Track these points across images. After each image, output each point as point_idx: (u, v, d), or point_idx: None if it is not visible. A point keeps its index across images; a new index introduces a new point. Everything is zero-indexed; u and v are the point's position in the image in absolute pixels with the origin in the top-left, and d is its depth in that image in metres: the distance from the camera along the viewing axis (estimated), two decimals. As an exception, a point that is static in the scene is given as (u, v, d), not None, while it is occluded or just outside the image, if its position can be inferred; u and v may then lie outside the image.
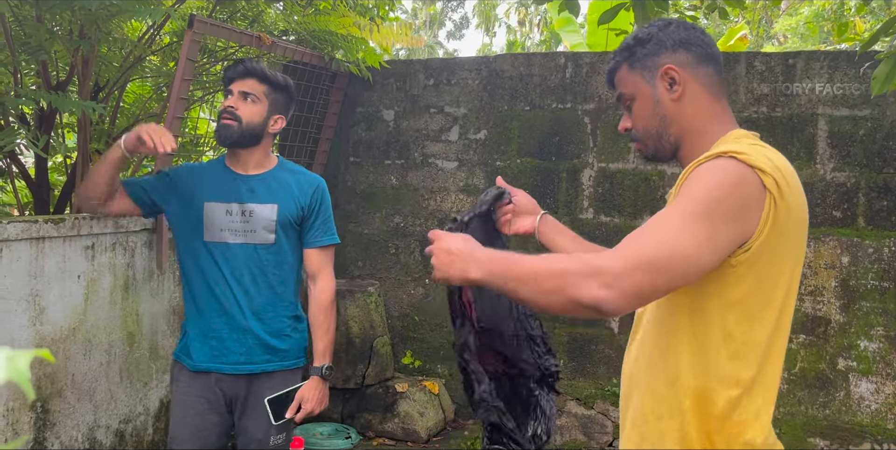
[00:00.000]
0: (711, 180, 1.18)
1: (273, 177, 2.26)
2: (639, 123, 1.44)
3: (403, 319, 3.78)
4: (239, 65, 2.25)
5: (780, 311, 1.27)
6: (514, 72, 3.58)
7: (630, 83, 1.44)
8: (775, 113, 3.24)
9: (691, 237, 1.14)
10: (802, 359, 3.21)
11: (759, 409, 1.27)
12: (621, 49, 1.45)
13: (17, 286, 2.26)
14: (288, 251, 2.24)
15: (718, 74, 1.42)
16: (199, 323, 2.24)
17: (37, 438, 2.37)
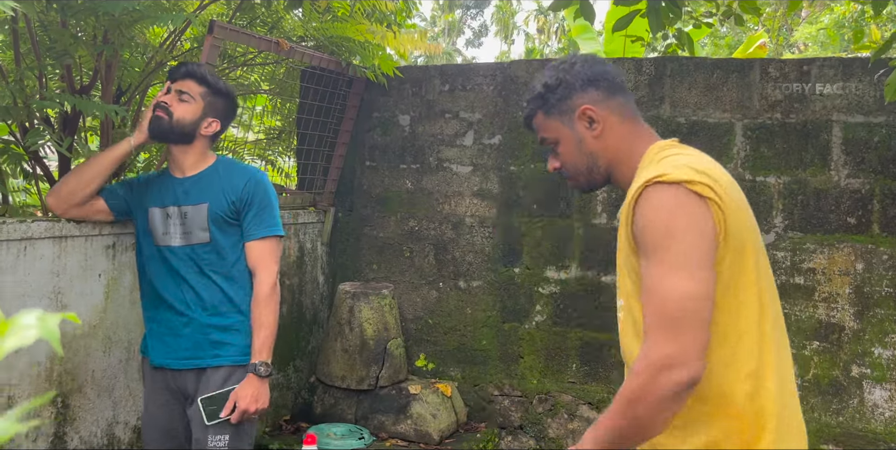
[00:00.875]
0: (658, 221, 1.27)
1: (206, 176, 2.33)
2: (567, 163, 1.52)
3: (417, 322, 3.81)
4: (181, 66, 2.35)
5: (758, 296, 1.32)
6: (529, 77, 3.61)
7: (550, 128, 1.51)
8: (789, 119, 3.25)
9: (687, 280, 1.22)
10: (816, 366, 3.20)
11: (773, 392, 1.31)
12: (534, 98, 1.51)
13: (40, 283, 2.32)
14: (226, 248, 2.28)
15: (629, 100, 1.51)
16: (152, 321, 2.34)
17: (57, 432, 2.43)
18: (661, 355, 1.20)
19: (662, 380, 1.19)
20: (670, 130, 3.40)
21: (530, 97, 1.52)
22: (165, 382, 2.31)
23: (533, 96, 1.51)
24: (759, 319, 1.32)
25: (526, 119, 1.56)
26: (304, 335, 3.73)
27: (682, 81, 3.38)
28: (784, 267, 3.24)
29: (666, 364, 1.19)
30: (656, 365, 1.20)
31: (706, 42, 13.85)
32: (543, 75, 1.51)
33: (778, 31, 14.27)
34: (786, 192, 3.26)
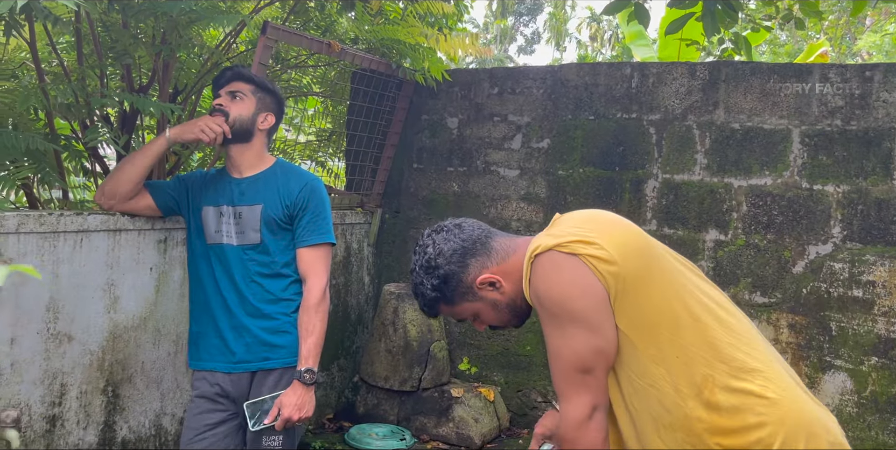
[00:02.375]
0: (544, 292, 1.35)
1: (263, 178, 2.34)
2: (494, 322, 1.56)
3: (461, 325, 3.80)
4: (226, 71, 2.38)
5: (684, 309, 1.35)
6: (580, 81, 3.58)
7: (462, 311, 1.55)
8: (850, 126, 3.15)
9: (581, 336, 1.32)
10: (874, 382, 3.08)
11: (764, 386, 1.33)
12: (429, 301, 1.53)
13: (94, 275, 2.38)
14: (276, 251, 2.28)
15: (494, 235, 1.53)
16: (200, 323, 2.34)
17: (107, 421, 2.48)
18: (581, 410, 1.33)
19: (593, 426, 1.34)
20: (724, 136, 3.33)
21: (424, 301, 1.54)
22: (211, 386, 2.30)
23: (427, 300, 1.53)
24: (698, 328, 1.36)
25: (432, 315, 1.59)
26: (349, 335, 3.75)
27: (738, 86, 3.31)
28: (842, 279, 3.14)
29: (588, 413, 1.33)
30: (581, 420, 1.34)
31: (765, 50, 13.56)
32: (419, 277, 1.52)
33: (840, 39, 13.88)
34: (845, 201, 3.16)
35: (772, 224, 3.25)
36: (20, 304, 2.18)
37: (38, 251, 2.21)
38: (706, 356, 1.33)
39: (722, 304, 1.42)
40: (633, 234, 1.41)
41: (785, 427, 1.30)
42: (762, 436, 1.29)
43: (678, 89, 3.40)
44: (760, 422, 1.30)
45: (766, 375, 1.34)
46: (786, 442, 1.29)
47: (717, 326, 1.36)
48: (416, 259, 1.54)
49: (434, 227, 1.56)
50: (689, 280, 1.41)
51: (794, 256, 3.22)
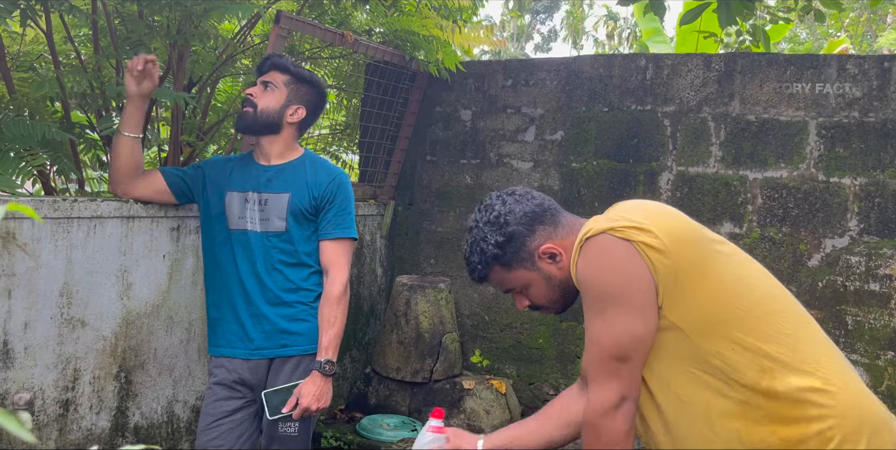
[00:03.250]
0: (591, 275, 1.32)
1: (292, 167, 2.34)
2: (541, 300, 1.53)
3: (473, 318, 3.80)
4: (266, 60, 2.38)
5: (740, 299, 1.32)
6: (594, 73, 3.56)
7: (514, 279, 1.50)
8: (868, 118, 3.11)
9: (622, 323, 1.29)
10: (890, 377, 3.04)
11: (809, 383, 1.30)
12: (486, 258, 1.47)
13: (107, 261, 2.40)
14: (299, 240, 2.29)
15: (561, 211, 1.51)
16: (219, 309, 2.35)
17: (119, 407, 2.50)
18: (610, 397, 1.31)
19: (620, 416, 1.31)
20: (739, 128, 3.30)
21: (480, 259, 1.49)
22: (229, 372, 2.32)
23: (485, 257, 1.48)
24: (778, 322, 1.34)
25: (479, 279, 1.54)
26: (362, 327, 3.76)
27: (754, 78, 3.28)
28: (858, 272, 3.10)
29: (616, 405, 1.31)
30: (608, 408, 1.31)
31: (784, 48, 13.43)
32: (482, 232, 1.48)
33: (861, 37, 13.72)
34: (862, 194, 3.12)
35: (787, 217, 3.22)
36: (34, 288, 2.20)
37: (51, 236, 2.23)
38: (765, 348, 1.30)
39: (779, 294, 1.39)
40: (688, 225, 1.38)
41: (847, 422, 1.27)
42: (822, 428, 1.27)
43: (693, 81, 3.38)
44: (821, 415, 1.27)
45: (829, 368, 1.31)
46: (847, 438, 1.27)
47: (776, 317, 1.33)
48: (481, 216, 1.50)
49: (504, 190, 1.53)
50: (745, 269, 1.38)
51: (809, 249, 3.19)
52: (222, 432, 2.29)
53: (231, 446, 2.29)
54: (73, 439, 2.36)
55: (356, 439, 3.24)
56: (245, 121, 2.30)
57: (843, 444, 1.27)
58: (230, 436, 2.29)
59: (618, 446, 1.34)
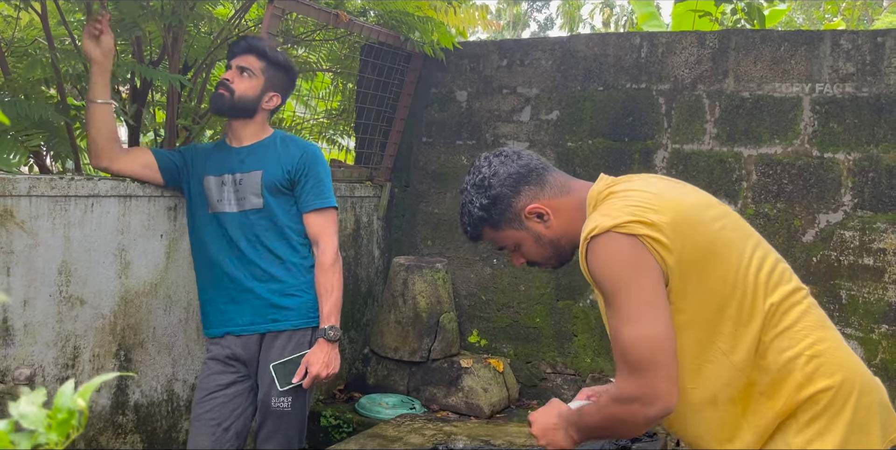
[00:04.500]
0: (602, 275, 1.32)
1: (263, 146, 2.38)
2: (534, 257, 1.54)
3: (471, 298, 3.82)
4: (241, 41, 2.37)
5: (752, 296, 1.33)
6: (589, 52, 3.56)
7: (504, 238, 1.52)
8: (861, 93, 3.12)
9: (639, 327, 1.27)
10: (884, 350, 3.07)
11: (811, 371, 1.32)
12: (474, 220, 1.51)
13: (105, 240, 2.41)
14: (279, 214, 2.32)
15: (552, 170, 1.51)
16: (208, 291, 2.39)
17: (119, 385, 2.53)
18: (631, 395, 1.29)
19: (636, 415, 1.29)
20: (734, 105, 3.30)
21: (469, 220, 1.52)
22: (222, 350, 2.35)
23: (473, 219, 1.51)
24: (767, 316, 1.34)
25: (473, 239, 1.57)
26: (359, 308, 3.78)
27: (748, 55, 3.28)
28: (852, 247, 3.12)
29: (636, 402, 1.28)
30: (629, 401, 1.29)
31: (780, 31, 13.36)
32: (470, 195, 1.50)
33: (857, 21, 13.69)
34: (856, 169, 3.13)
35: (782, 193, 3.24)
36: (33, 266, 2.22)
37: (49, 214, 2.24)
38: (761, 322, 1.32)
39: (779, 265, 1.40)
40: (690, 209, 1.36)
41: (835, 384, 1.30)
42: (812, 393, 1.30)
43: (687, 59, 3.38)
44: (810, 380, 1.30)
45: (817, 334, 1.33)
46: (835, 399, 1.29)
47: (772, 291, 1.34)
48: (469, 178, 1.52)
49: (494, 151, 1.54)
50: (746, 242, 1.39)
51: (804, 224, 3.20)
52: (215, 405, 2.32)
53: (224, 420, 2.31)
54: (74, 416, 2.38)
55: (355, 418, 3.27)
56: (219, 104, 2.33)
57: (830, 405, 1.29)
58: (223, 409, 2.32)
59: (630, 426, 1.34)
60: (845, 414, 1.29)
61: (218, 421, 2.32)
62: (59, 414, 0.59)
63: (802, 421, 1.30)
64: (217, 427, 2.31)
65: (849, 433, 1.29)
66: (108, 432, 2.48)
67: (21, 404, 0.60)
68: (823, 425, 1.29)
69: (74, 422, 0.59)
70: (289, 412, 2.32)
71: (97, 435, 2.45)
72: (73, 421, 0.59)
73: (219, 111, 2.37)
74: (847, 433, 1.29)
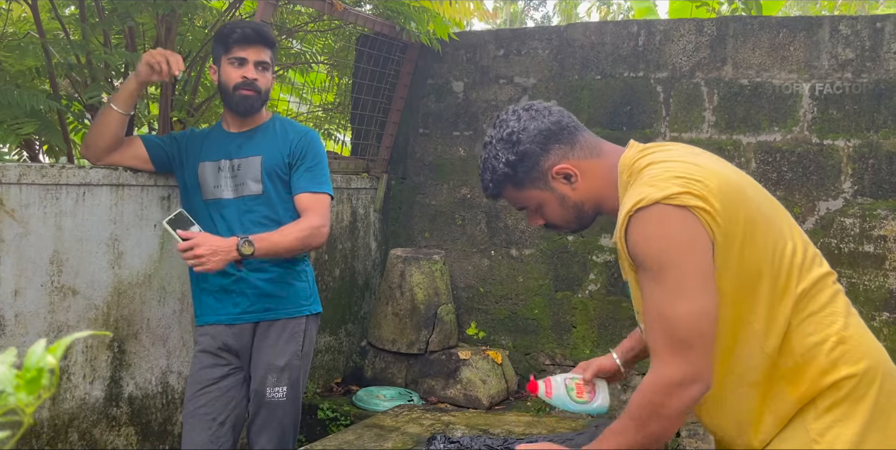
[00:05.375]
0: (650, 248, 1.25)
1: (261, 130, 2.32)
2: (554, 219, 1.45)
3: (469, 290, 3.79)
4: (250, 31, 2.22)
5: (786, 277, 1.28)
6: (586, 41, 3.54)
7: (527, 198, 1.43)
8: (861, 79, 3.09)
9: (689, 301, 1.22)
10: (886, 337, 3.04)
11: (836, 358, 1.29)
12: (497, 177, 1.40)
13: (98, 229, 2.38)
14: (278, 202, 2.27)
15: (583, 130, 1.41)
16: (200, 279, 2.33)
17: (113, 376, 2.49)
18: (674, 375, 1.23)
19: (678, 397, 1.23)
20: (732, 93, 3.28)
21: (492, 177, 1.42)
22: (214, 339, 2.31)
23: (496, 175, 1.41)
24: (798, 300, 1.30)
25: (493, 196, 1.46)
26: (356, 300, 3.75)
27: (746, 42, 3.25)
28: (852, 234, 3.09)
29: (680, 382, 1.23)
30: (671, 384, 1.23)
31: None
32: (495, 149, 1.40)
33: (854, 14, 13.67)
34: (856, 155, 3.11)
35: (781, 180, 3.21)
36: (24, 255, 2.19)
37: (40, 203, 2.21)
38: (791, 305, 1.28)
39: (809, 247, 1.36)
40: (736, 178, 1.31)
41: (859, 370, 1.26)
42: (836, 379, 1.26)
43: (685, 46, 3.35)
44: (834, 366, 1.27)
45: (844, 321, 1.30)
46: (858, 385, 1.26)
47: (804, 275, 1.30)
48: (495, 132, 1.41)
49: (521, 104, 1.43)
50: (783, 219, 1.35)
51: (804, 212, 3.18)
52: (210, 399, 2.28)
53: (219, 414, 2.27)
54: (66, 408, 2.35)
55: (353, 411, 3.24)
56: (249, 107, 2.26)
57: (853, 392, 1.26)
58: (217, 403, 2.28)
59: (662, 420, 1.26)
60: (867, 400, 1.26)
61: (213, 415, 2.28)
62: (28, 373, 0.56)
63: (822, 407, 1.27)
64: (212, 422, 2.27)
65: (871, 419, 1.26)
66: (101, 425, 2.45)
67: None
68: (844, 411, 1.26)
69: (45, 381, 0.56)
70: (283, 403, 2.28)
71: (91, 428, 2.42)
72: (43, 380, 0.56)
73: (248, 113, 2.29)
74: (869, 419, 1.25)
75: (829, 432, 1.26)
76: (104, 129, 2.27)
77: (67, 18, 3.14)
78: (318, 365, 3.49)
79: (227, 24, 2.32)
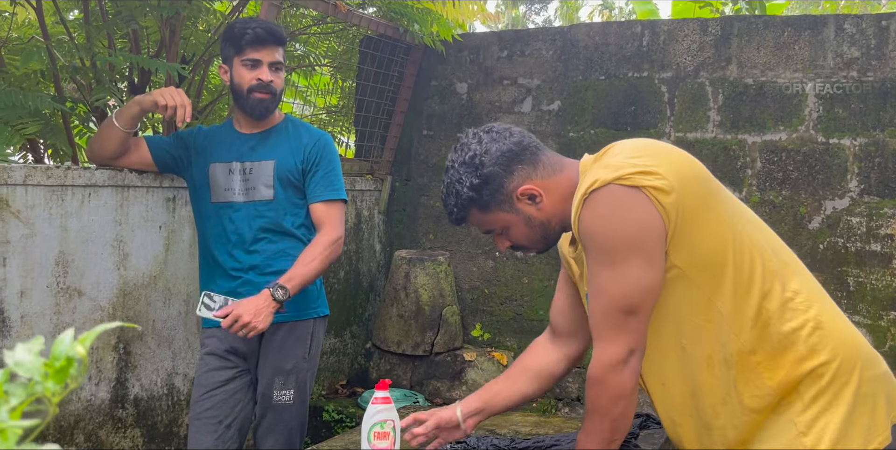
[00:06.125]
0: (599, 227, 1.27)
1: (274, 133, 2.28)
2: (521, 241, 1.45)
3: (473, 291, 3.78)
4: (261, 31, 2.18)
5: (743, 239, 1.29)
6: (590, 41, 3.53)
7: (493, 221, 1.42)
8: (866, 78, 3.08)
9: (632, 277, 1.25)
10: (893, 337, 3.03)
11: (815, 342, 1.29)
12: (461, 201, 1.39)
13: (103, 230, 2.38)
14: (288, 208, 2.24)
15: (543, 149, 1.42)
16: (209, 281, 2.31)
17: (119, 378, 2.49)
18: (619, 352, 1.27)
19: (628, 372, 1.28)
20: (737, 92, 3.27)
21: (456, 201, 1.40)
22: (221, 342, 2.29)
23: (461, 200, 1.39)
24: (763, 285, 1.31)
25: (458, 221, 1.45)
26: (361, 302, 3.75)
27: (751, 41, 3.25)
28: (859, 233, 3.08)
29: (624, 359, 1.27)
30: (617, 362, 1.27)
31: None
32: (458, 173, 1.38)
33: (857, 16, 13.65)
34: (862, 154, 3.10)
35: (787, 180, 3.20)
36: (29, 256, 2.19)
37: (45, 204, 2.21)
38: (762, 289, 1.28)
39: (772, 236, 1.37)
40: (692, 162, 1.32)
41: (838, 357, 1.27)
42: (814, 365, 1.26)
43: (690, 46, 3.35)
44: (813, 352, 1.27)
45: (819, 306, 1.30)
46: (839, 373, 1.26)
47: (772, 258, 1.31)
48: (457, 156, 1.40)
49: (481, 127, 1.42)
50: (744, 210, 1.36)
51: (810, 211, 3.17)
52: (216, 402, 2.26)
53: (225, 417, 2.26)
54: (72, 410, 2.34)
55: (357, 412, 3.23)
56: (265, 110, 2.23)
57: (834, 379, 1.26)
58: (224, 406, 2.26)
59: (623, 400, 1.30)
60: (850, 387, 1.26)
61: (219, 418, 2.26)
62: (57, 362, 0.55)
63: (807, 398, 1.27)
64: (219, 425, 2.26)
65: (854, 406, 1.26)
66: (107, 426, 2.45)
67: (17, 352, 0.56)
68: (828, 399, 1.26)
69: (73, 371, 0.56)
70: (290, 405, 2.27)
71: (96, 429, 2.41)
72: (71, 369, 0.56)
73: (263, 117, 2.26)
74: (852, 406, 1.26)
75: (816, 424, 1.26)
76: (107, 143, 2.26)
77: (72, 22, 3.14)
78: (323, 367, 3.48)
79: (238, 23, 2.25)
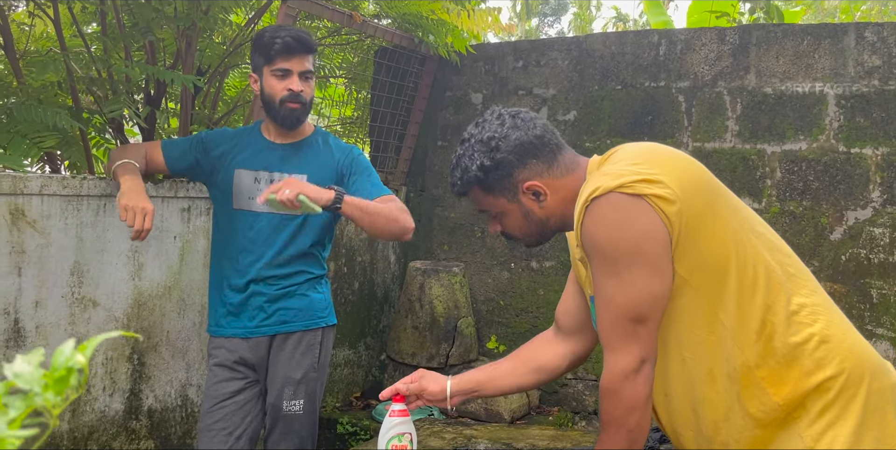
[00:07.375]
0: (603, 236, 1.23)
1: (307, 145, 2.23)
2: (514, 231, 1.42)
3: (489, 303, 3.75)
4: (291, 41, 2.13)
5: (748, 249, 1.26)
6: (606, 51, 3.51)
7: (491, 203, 1.40)
8: (888, 86, 3.04)
9: (638, 286, 1.22)
10: (919, 351, 2.96)
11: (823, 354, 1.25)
12: (467, 177, 1.36)
13: (118, 240, 2.38)
14: (311, 223, 2.21)
15: (565, 149, 1.38)
16: (219, 289, 2.27)
17: (133, 389, 2.47)
18: (630, 362, 1.24)
19: (641, 380, 1.24)
20: (756, 101, 3.24)
21: (461, 175, 1.37)
22: (230, 353, 2.25)
23: (467, 175, 1.36)
24: (765, 299, 1.27)
25: (459, 194, 1.43)
26: (375, 314, 3.72)
27: (769, 50, 3.22)
28: (882, 244, 3.02)
29: (636, 368, 1.24)
30: (629, 371, 1.24)
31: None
32: (472, 149, 1.36)
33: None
34: (884, 164, 3.05)
35: (807, 190, 3.15)
36: (45, 266, 2.18)
37: (61, 214, 2.21)
38: (766, 301, 1.24)
39: (781, 246, 1.34)
40: (697, 169, 1.29)
41: (845, 369, 1.23)
42: (820, 380, 1.23)
43: (707, 55, 3.32)
44: (819, 366, 1.23)
45: (826, 319, 1.27)
46: (846, 386, 1.23)
47: (777, 269, 1.27)
48: (476, 131, 1.36)
49: (511, 109, 1.39)
50: (751, 218, 1.33)
51: (831, 222, 3.12)
52: (226, 414, 2.23)
53: (235, 428, 2.23)
54: (86, 421, 2.33)
55: (372, 425, 3.19)
56: (295, 121, 2.19)
57: (842, 393, 1.23)
58: (234, 418, 2.23)
59: (638, 411, 1.27)
60: (858, 400, 1.23)
61: (229, 430, 2.24)
62: (57, 372, 0.53)
63: (814, 412, 1.23)
64: (229, 436, 2.23)
65: (863, 419, 1.22)
66: (121, 438, 2.43)
67: (16, 364, 0.54)
68: (836, 413, 1.23)
69: (73, 381, 0.54)
70: (301, 415, 2.25)
71: (110, 440, 2.40)
72: (71, 379, 0.53)
73: (294, 127, 2.21)
74: (861, 419, 1.22)
75: (824, 437, 1.22)
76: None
77: (89, 35, 3.16)
78: (338, 379, 3.46)
79: (267, 31, 2.19)
